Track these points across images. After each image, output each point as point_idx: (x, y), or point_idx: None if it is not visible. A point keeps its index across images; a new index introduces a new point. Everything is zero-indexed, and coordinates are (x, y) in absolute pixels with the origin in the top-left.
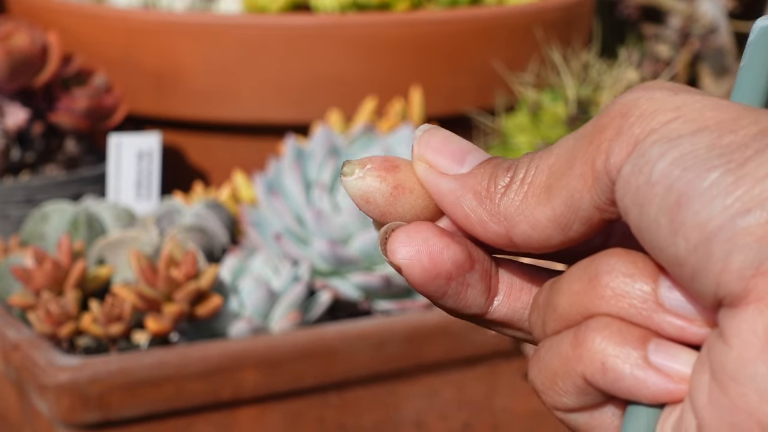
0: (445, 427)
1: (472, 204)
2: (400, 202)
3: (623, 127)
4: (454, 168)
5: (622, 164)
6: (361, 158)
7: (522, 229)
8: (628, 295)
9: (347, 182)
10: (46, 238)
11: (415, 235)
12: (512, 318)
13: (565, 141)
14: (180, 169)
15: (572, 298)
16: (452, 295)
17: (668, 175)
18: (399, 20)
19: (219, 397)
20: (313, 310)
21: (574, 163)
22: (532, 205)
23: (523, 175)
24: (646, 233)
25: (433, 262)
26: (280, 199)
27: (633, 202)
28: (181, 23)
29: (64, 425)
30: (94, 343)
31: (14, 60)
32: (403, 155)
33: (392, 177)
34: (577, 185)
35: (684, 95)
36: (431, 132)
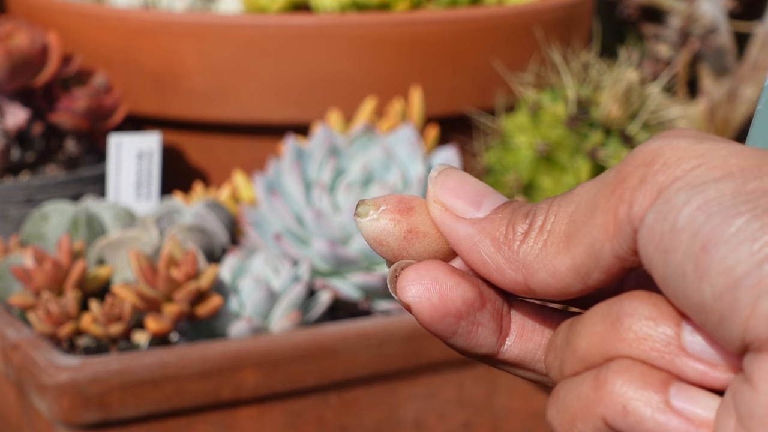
0: (445, 427)
1: (490, 250)
2: (414, 246)
3: (647, 175)
4: (471, 212)
5: (645, 212)
6: (376, 198)
7: (541, 278)
8: (650, 338)
9: (361, 223)
10: (46, 238)
11: (425, 273)
12: (524, 359)
13: (585, 188)
14: (180, 169)
15: (593, 340)
16: (462, 335)
17: (694, 221)
18: (399, 20)
19: (219, 397)
20: (313, 310)
21: (596, 212)
22: (551, 253)
23: (542, 223)
24: (671, 280)
25: (442, 300)
26: (280, 199)
27: (657, 249)
28: (181, 23)
29: (63, 425)
30: (94, 343)
31: (14, 60)
32: (403, 155)
33: (406, 220)
34: (598, 235)
35: (708, 143)
36: (446, 173)
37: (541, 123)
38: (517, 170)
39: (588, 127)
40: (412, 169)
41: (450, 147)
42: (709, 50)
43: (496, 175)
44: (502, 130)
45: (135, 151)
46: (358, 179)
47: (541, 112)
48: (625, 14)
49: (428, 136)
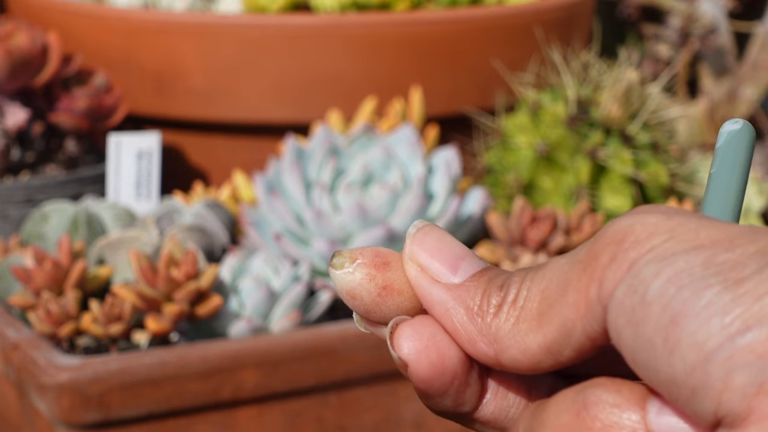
0: (445, 427)
1: (463, 320)
2: (387, 303)
3: (617, 253)
4: (447, 275)
5: (615, 288)
6: (353, 250)
7: (511, 354)
8: (617, 425)
9: (335, 275)
10: (46, 238)
11: (422, 329)
12: (498, 417)
13: (558, 266)
14: (180, 168)
15: (560, 431)
16: (452, 394)
17: (664, 293)
18: (399, 20)
19: (219, 397)
20: (313, 310)
21: (567, 290)
22: (523, 331)
23: (513, 297)
24: (641, 354)
25: (441, 358)
26: (280, 199)
27: (628, 322)
28: (181, 23)
29: (64, 425)
30: (94, 343)
31: (14, 60)
32: (403, 155)
33: (382, 276)
34: (569, 314)
35: (678, 218)
36: (426, 231)
37: (541, 123)
38: (517, 170)
39: (588, 127)
40: (412, 169)
41: (450, 147)
42: (709, 50)
43: (496, 175)
44: (502, 130)
45: (135, 151)
46: (358, 179)
47: (541, 112)
48: (625, 14)
49: (428, 136)
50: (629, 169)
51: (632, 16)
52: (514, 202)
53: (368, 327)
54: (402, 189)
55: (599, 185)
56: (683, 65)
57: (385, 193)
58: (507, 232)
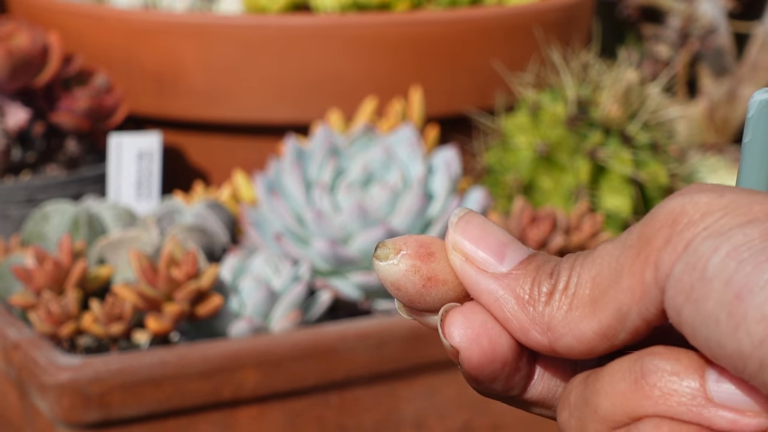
0: (445, 426)
1: (514, 308)
2: (431, 294)
3: (672, 235)
4: (494, 264)
5: (672, 268)
6: (396, 240)
7: (566, 342)
8: (676, 393)
9: (379, 266)
10: (46, 238)
11: (473, 317)
12: (546, 396)
13: (608, 251)
14: (180, 169)
15: (616, 399)
16: (502, 380)
17: (724, 268)
18: (399, 20)
19: (219, 397)
20: (314, 310)
21: (621, 275)
22: (577, 318)
23: (564, 284)
24: (702, 330)
25: (492, 345)
26: (281, 199)
27: (687, 299)
28: (182, 24)
29: (64, 425)
30: (95, 342)
31: (15, 60)
32: (403, 155)
33: (426, 267)
34: (624, 299)
35: (729, 195)
36: (467, 219)
37: (541, 123)
38: (517, 170)
39: (588, 127)
40: (412, 169)
41: (450, 147)
42: (709, 50)
43: (496, 175)
44: (502, 130)
45: (135, 151)
46: (359, 179)
47: (540, 112)
48: (625, 14)
49: (428, 136)
50: (629, 169)
51: (632, 17)
52: (514, 202)
53: (412, 315)
54: (402, 189)
55: (599, 185)
56: (683, 65)
57: (385, 193)
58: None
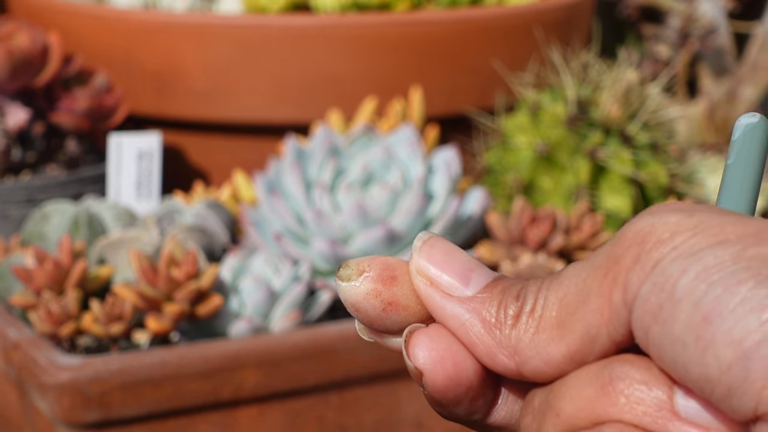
0: (445, 426)
1: (480, 332)
2: (391, 318)
3: (640, 254)
4: (460, 288)
5: (640, 288)
6: (360, 261)
7: (534, 365)
8: (642, 402)
9: (341, 286)
10: (46, 238)
11: (438, 339)
12: (509, 421)
13: (575, 273)
14: (180, 169)
15: (581, 404)
16: (466, 404)
17: (693, 290)
18: (399, 20)
19: (219, 397)
20: (314, 310)
21: (589, 297)
22: (544, 340)
23: (531, 307)
24: (669, 352)
25: (456, 369)
26: (281, 199)
27: (654, 320)
28: (182, 24)
29: (64, 425)
30: (95, 342)
31: (15, 60)
32: (403, 155)
33: (388, 292)
34: (593, 320)
35: (700, 214)
36: (431, 243)
37: (541, 123)
38: (517, 170)
39: (588, 127)
40: (412, 169)
41: (450, 147)
42: (709, 50)
43: (496, 175)
44: (502, 130)
45: (135, 151)
46: (359, 179)
47: (540, 113)
48: (625, 14)
49: (428, 136)
50: (629, 169)
51: (632, 17)
52: (514, 202)
53: (371, 336)
54: (402, 189)
55: (599, 185)
56: (683, 65)
57: (385, 193)
58: (507, 232)
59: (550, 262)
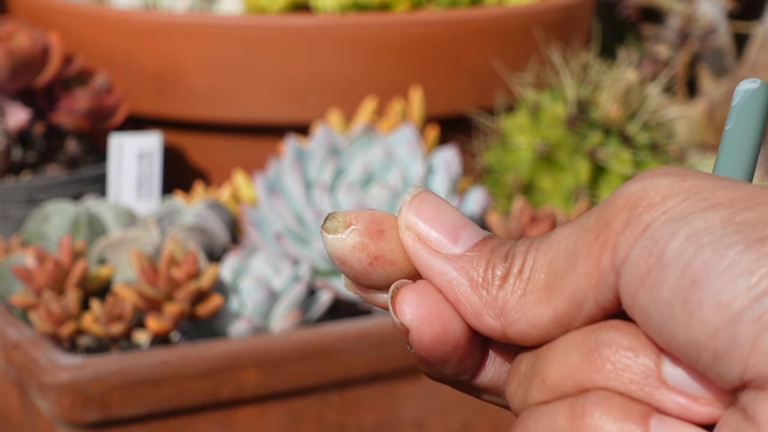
0: (445, 426)
1: (467, 292)
2: (377, 272)
3: (630, 218)
4: (448, 245)
5: (629, 252)
6: (347, 213)
7: (520, 327)
8: (629, 369)
9: (326, 238)
10: (47, 238)
11: (426, 296)
12: (497, 383)
13: (564, 235)
14: (181, 169)
15: (567, 370)
16: (453, 363)
17: (682, 254)
18: (399, 21)
19: (219, 397)
20: (314, 310)
21: (578, 260)
22: (531, 303)
23: (519, 268)
24: (655, 318)
25: (444, 326)
26: (281, 199)
27: (642, 284)
28: (182, 24)
29: (65, 424)
30: (95, 342)
31: (15, 60)
32: (403, 155)
33: (375, 245)
34: (580, 284)
35: (693, 179)
36: (421, 198)
37: (541, 123)
38: (516, 170)
39: (587, 127)
40: (412, 169)
41: (450, 147)
42: (709, 51)
43: (496, 175)
44: (502, 130)
45: (136, 151)
46: (359, 179)
47: (540, 113)
48: (625, 15)
49: (428, 136)
50: (628, 169)
51: (632, 17)
52: (514, 202)
53: (357, 291)
54: (402, 189)
55: (599, 185)
56: (682, 66)
57: (385, 193)
58: (507, 231)
59: None
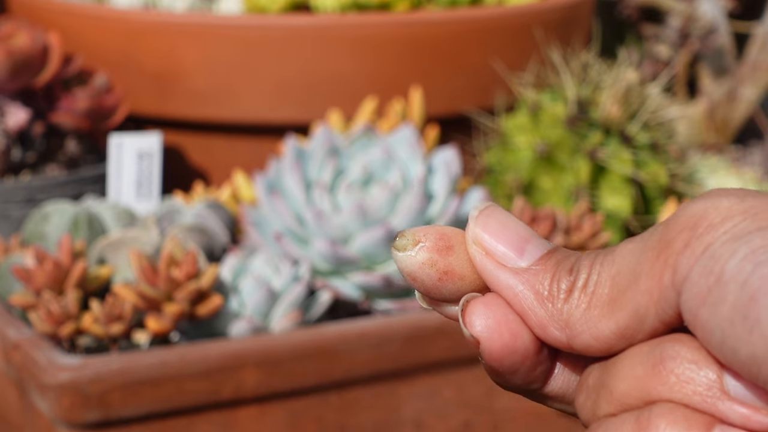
0: (445, 426)
1: (533, 304)
2: (447, 287)
3: (691, 239)
4: (514, 259)
5: (689, 271)
6: (416, 231)
7: (584, 339)
8: (692, 381)
9: (397, 256)
10: (46, 238)
11: (494, 308)
12: (566, 391)
13: (628, 251)
14: (180, 169)
15: (633, 383)
16: (523, 372)
17: (740, 271)
18: (399, 20)
19: (219, 397)
20: (314, 310)
21: (640, 276)
22: (595, 316)
23: (584, 282)
24: (717, 333)
25: (513, 337)
26: (281, 199)
27: (703, 302)
28: (182, 24)
29: (64, 425)
30: (95, 342)
31: (15, 60)
32: (403, 155)
33: (444, 261)
34: (642, 300)
35: (752, 200)
36: (488, 213)
37: (541, 123)
38: (516, 170)
39: (587, 128)
40: (412, 169)
41: (450, 147)
42: (709, 51)
43: (496, 175)
44: (502, 130)
45: (136, 151)
46: (359, 179)
47: (540, 113)
48: (625, 15)
49: (428, 136)
50: (629, 169)
51: (632, 17)
52: (514, 202)
53: (430, 305)
54: (402, 189)
55: (599, 185)
56: (683, 66)
57: (385, 193)
58: None
59: None
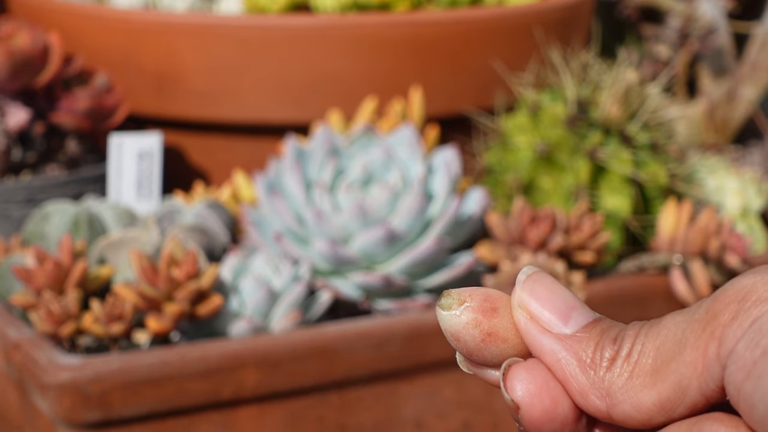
0: (445, 426)
1: (575, 371)
2: (489, 349)
3: (739, 312)
4: (558, 325)
5: (735, 344)
6: (462, 292)
7: (623, 409)
8: None
9: (441, 315)
10: (47, 238)
11: (536, 373)
12: None
13: (675, 322)
14: (181, 169)
15: None
16: None
17: None
18: (399, 20)
19: (219, 397)
20: (314, 310)
21: (685, 348)
22: (637, 386)
23: (627, 351)
24: (760, 408)
25: (553, 403)
26: (281, 199)
27: (748, 376)
28: (182, 24)
29: (65, 424)
30: (95, 342)
31: (15, 60)
32: (403, 155)
33: (488, 323)
34: (686, 372)
35: None
36: (536, 279)
37: (541, 123)
38: (516, 170)
39: (587, 128)
40: (412, 169)
41: (450, 147)
42: (709, 51)
43: (496, 175)
44: (502, 130)
45: (136, 151)
46: (359, 179)
47: (540, 113)
48: (625, 15)
49: (428, 136)
50: (628, 169)
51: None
52: (514, 202)
53: (471, 368)
54: (402, 189)
55: (598, 185)
56: (682, 66)
57: (385, 193)
58: (506, 232)
59: (550, 262)
